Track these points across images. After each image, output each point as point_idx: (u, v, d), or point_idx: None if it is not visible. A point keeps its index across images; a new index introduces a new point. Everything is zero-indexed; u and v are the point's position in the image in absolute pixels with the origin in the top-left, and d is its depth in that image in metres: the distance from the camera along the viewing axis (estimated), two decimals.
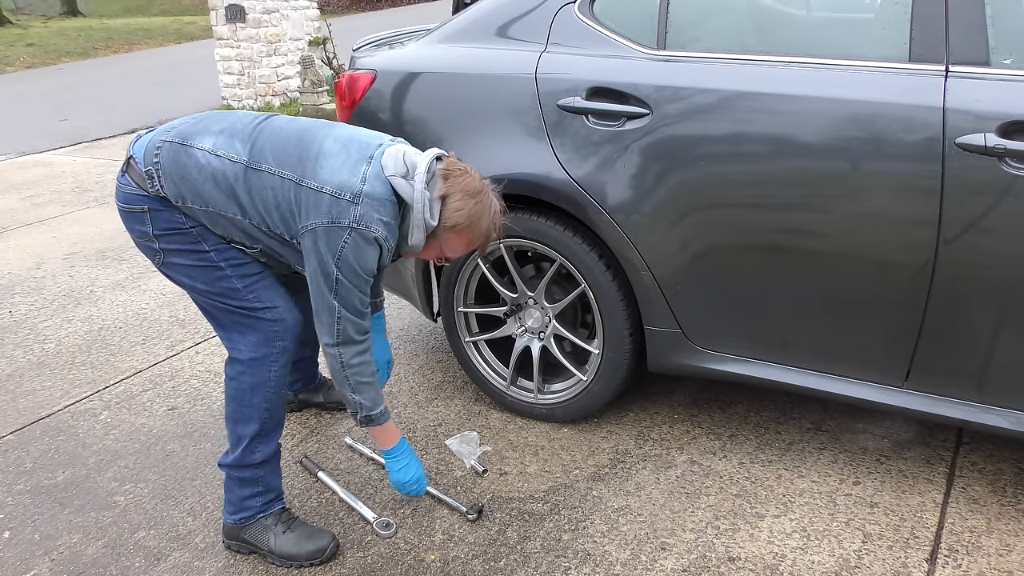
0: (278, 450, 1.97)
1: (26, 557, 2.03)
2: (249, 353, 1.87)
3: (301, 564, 1.93)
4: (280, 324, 1.87)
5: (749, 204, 1.91)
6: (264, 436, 1.92)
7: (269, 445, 1.94)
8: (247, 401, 1.89)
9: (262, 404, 1.89)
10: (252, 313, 1.86)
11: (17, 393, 2.82)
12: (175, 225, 1.79)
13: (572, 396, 2.37)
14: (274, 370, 1.89)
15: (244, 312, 1.85)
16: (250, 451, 1.92)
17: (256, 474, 1.94)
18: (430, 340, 3.03)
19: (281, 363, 1.90)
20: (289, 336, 1.90)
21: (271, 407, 1.91)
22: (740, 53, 1.93)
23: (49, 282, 3.82)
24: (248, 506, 1.96)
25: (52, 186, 5.61)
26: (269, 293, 1.88)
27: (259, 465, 1.93)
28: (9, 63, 12.96)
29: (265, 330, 1.87)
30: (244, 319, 1.86)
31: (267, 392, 1.89)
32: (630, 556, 1.92)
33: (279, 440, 1.97)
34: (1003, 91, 1.65)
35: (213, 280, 1.83)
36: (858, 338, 1.93)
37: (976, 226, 1.69)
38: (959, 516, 1.98)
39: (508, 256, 2.30)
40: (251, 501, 1.96)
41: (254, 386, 1.88)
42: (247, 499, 1.96)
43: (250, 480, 1.94)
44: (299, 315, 1.92)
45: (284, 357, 1.91)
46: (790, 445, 2.29)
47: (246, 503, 1.96)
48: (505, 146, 2.16)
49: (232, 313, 1.86)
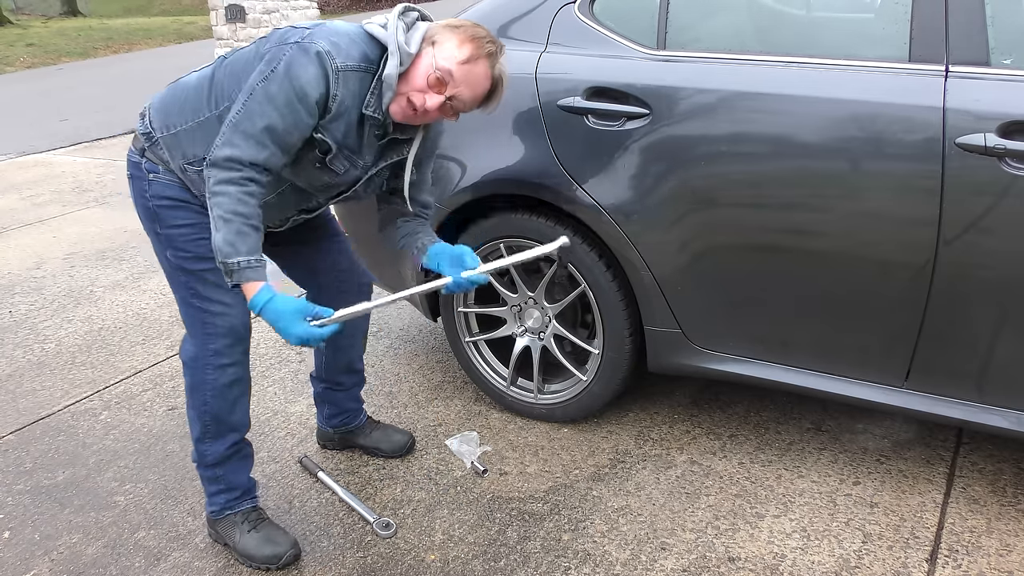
0: (239, 450, 1.95)
1: (26, 557, 2.03)
2: (187, 352, 1.85)
3: (257, 566, 1.93)
4: (219, 319, 1.78)
5: (749, 204, 1.91)
6: (209, 439, 1.90)
7: (217, 447, 1.91)
8: (188, 403, 1.88)
9: (200, 407, 1.86)
10: (199, 304, 1.80)
11: (17, 393, 2.82)
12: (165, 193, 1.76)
13: (572, 396, 2.37)
14: (210, 373, 1.83)
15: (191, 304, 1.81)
16: (200, 452, 1.93)
17: (215, 473, 1.94)
18: (430, 340, 3.03)
19: (215, 365, 1.82)
20: (228, 338, 1.81)
21: (212, 411, 1.86)
22: (740, 53, 1.93)
23: (49, 282, 3.82)
24: (214, 501, 1.97)
25: (52, 186, 5.60)
26: (217, 291, 1.78)
27: (213, 466, 1.93)
28: (9, 63, 12.96)
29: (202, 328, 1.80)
30: (190, 309, 1.82)
31: (204, 396, 1.85)
32: (630, 556, 1.92)
33: (238, 441, 1.94)
34: (1003, 91, 1.65)
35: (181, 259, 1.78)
36: (858, 338, 1.93)
37: (976, 226, 1.69)
38: (959, 516, 1.98)
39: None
40: (216, 497, 1.97)
41: (191, 388, 1.86)
42: (213, 495, 1.97)
43: (210, 478, 1.95)
44: (248, 320, 1.82)
45: (219, 361, 1.82)
46: (790, 445, 2.29)
47: (213, 499, 1.98)
48: (505, 146, 2.16)
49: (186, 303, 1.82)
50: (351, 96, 1.62)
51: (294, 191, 1.78)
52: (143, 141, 1.78)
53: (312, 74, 1.55)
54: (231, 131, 1.57)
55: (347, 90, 1.61)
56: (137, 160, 1.79)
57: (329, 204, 1.93)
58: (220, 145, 1.57)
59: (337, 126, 1.65)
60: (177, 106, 1.75)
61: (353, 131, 1.68)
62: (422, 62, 1.64)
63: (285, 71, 1.54)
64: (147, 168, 1.77)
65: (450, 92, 1.64)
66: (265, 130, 1.56)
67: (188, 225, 1.77)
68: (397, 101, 1.64)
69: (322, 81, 1.57)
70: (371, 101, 1.65)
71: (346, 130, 1.67)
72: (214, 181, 1.57)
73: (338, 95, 1.60)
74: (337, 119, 1.64)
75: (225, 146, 1.57)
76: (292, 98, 1.55)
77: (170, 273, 1.83)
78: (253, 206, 1.58)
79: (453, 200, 2.25)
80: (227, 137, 1.57)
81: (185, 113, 1.73)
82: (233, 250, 1.56)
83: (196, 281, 1.79)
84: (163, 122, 1.76)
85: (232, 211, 1.56)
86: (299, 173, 1.73)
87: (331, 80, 1.57)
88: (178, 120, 1.74)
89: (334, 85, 1.58)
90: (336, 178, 1.75)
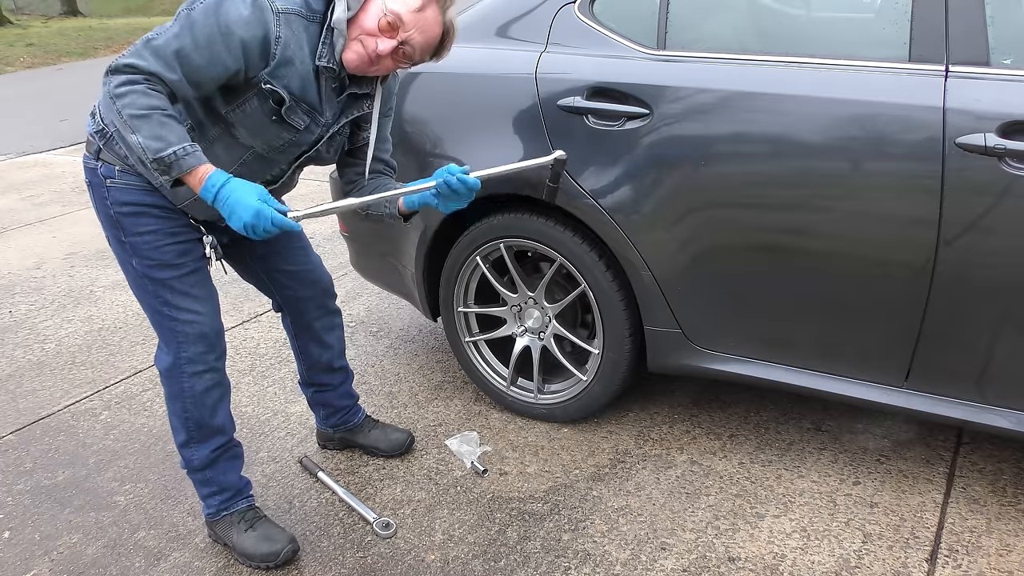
0: (225, 451, 1.95)
1: (26, 557, 2.03)
2: (162, 362, 1.84)
3: (256, 565, 1.93)
4: (189, 327, 1.78)
5: (749, 204, 1.91)
6: (195, 444, 1.90)
7: (203, 451, 1.90)
8: (169, 410, 1.88)
9: (182, 415, 1.86)
10: (168, 313, 1.78)
11: (17, 393, 2.82)
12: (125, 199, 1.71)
13: (572, 396, 2.37)
14: (186, 381, 1.82)
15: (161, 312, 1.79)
16: (186, 458, 1.93)
17: (204, 476, 1.94)
18: (430, 340, 3.03)
19: (190, 373, 1.81)
20: (200, 345, 1.80)
21: (194, 418, 1.86)
22: (740, 53, 1.93)
23: (49, 282, 3.82)
24: (209, 504, 1.98)
25: (52, 186, 5.61)
26: (185, 300, 1.77)
27: (201, 469, 1.93)
28: (9, 63, 12.95)
29: (174, 337, 1.79)
30: (160, 319, 1.80)
31: (184, 403, 1.85)
32: (630, 556, 1.92)
33: (224, 443, 1.94)
34: (1003, 91, 1.65)
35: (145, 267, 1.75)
36: (858, 338, 1.93)
37: (976, 226, 1.69)
38: (959, 516, 1.98)
39: (508, 256, 2.30)
40: (210, 500, 1.97)
41: (170, 396, 1.86)
42: (206, 497, 1.97)
43: (201, 481, 1.95)
44: (219, 325, 1.83)
45: (194, 368, 1.81)
46: (790, 445, 2.29)
47: (207, 501, 1.98)
48: (505, 146, 2.16)
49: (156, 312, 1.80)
50: (296, 41, 1.57)
51: (256, 159, 1.73)
52: (97, 141, 1.72)
53: (244, 16, 1.49)
54: (142, 45, 1.48)
55: (291, 32, 1.56)
56: (93, 166, 1.73)
57: (293, 171, 1.84)
58: (125, 55, 1.47)
59: (288, 74, 1.59)
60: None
61: (311, 86, 1.64)
62: (371, 6, 1.60)
63: (216, 3, 1.48)
64: (104, 173, 1.71)
65: (402, 37, 1.60)
66: (176, 53, 1.48)
67: (152, 232, 1.73)
68: (350, 47, 1.61)
69: (257, 25, 1.51)
70: (324, 52, 1.61)
71: (302, 84, 1.62)
72: (114, 85, 1.45)
73: (281, 36, 1.54)
74: (286, 66, 1.58)
75: (130, 56, 1.47)
76: (214, 31, 1.48)
77: (136, 282, 1.79)
78: (164, 98, 1.48)
79: None
80: (135, 49, 1.48)
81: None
82: (163, 143, 1.46)
83: (163, 289, 1.77)
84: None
85: (145, 105, 1.45)
86: (257, 133, 1.67)
87: (271, 22, 1.52)
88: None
89: (276, 27, 1.53)
90: (296, 135, 1.70)
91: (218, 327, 1.84)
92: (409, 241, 2.43)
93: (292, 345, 2.20)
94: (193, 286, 1.79)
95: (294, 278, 2.06)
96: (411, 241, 2.42)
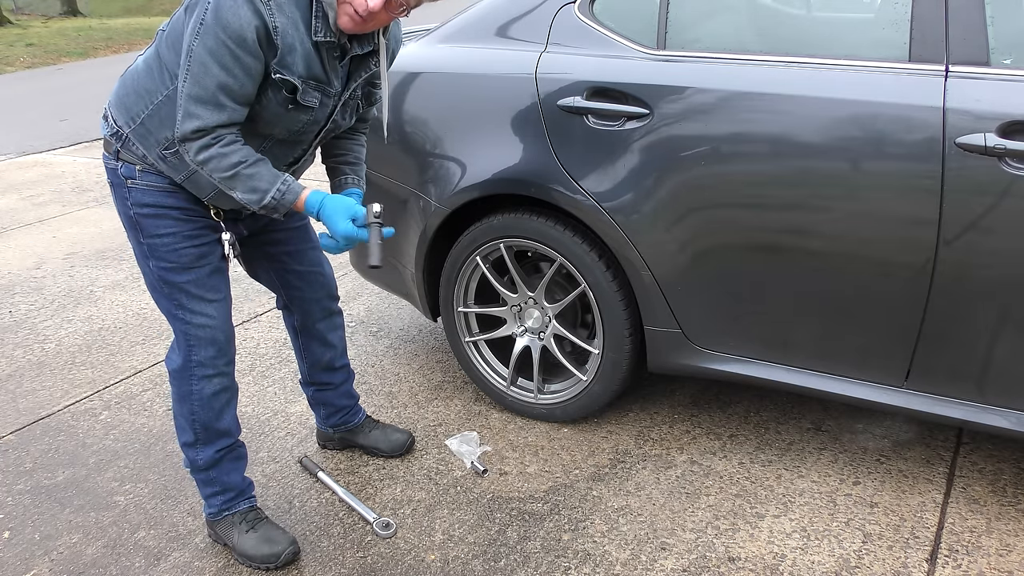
0: (229, 452, 1.95)
1: (26, 557, 2.03)
2: (173, 363, 1.85)
3: (256, 566, 1.93)
4: (201, 331, 1.80)
5: (749, 204, 1.91)
6: (201, 444, 1.91)
7: (207, 451, 1.91)
8: (176, 410, 1.89)
9: (189, 416, 1.88)
10: (182, 316, 1.80)
11: (17, 393, 2.82)
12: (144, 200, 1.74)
13: (572, 396, 2.37)
14: (195, 384, 1.84)
15: (175, 315, 1.81)
16: (191, 457, 1.93)
17: (208, 476, 1.95)
18: (430, 340, 3.03)
19: (200, 376, 1.84)
20: (211, 349, 1.82)
21: (201, 420, 1.88)
22: (740, 53, 1.93)
23: (49, 282, 3.82)
24: (211, 504, 1.98)
25: (52, 186, 5.60)
26: (200, 304, 1.80)
27: (205, 469, 1.94)
28: (9, 63, 12.95)
29: (186, 340, 1.81)
30: (174, 321, 1.82)
31: (192, 405, 1.86)
32: (630, 556, 1.92)
33: (228, 444, 1.94)
34: (1003, 91, 1.65)
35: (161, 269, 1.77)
36: (858, 338, 1.93)
37: (976, 226, 1.69)
38: (959, 516, 1.98)
39: (508, 256, 2.30)
40: (213, 500, 1.98)
41: (178, 397, 1.87)
42: (209, 497, 1.98)
43: (204, 481, 1.96)
44: (230, 331, 1.85)
45: (204, 372, 1.84)
46: (790, 445, 2.29)
47: (209, 500, 1.98)
48: (505, 146, 2.16)
49: (170, 315, 1.82)
50: (292, 24, 1.55)
51: (277, 145, 1.73)
52: (114, 143, 1.73)
53: (242, 15, 1.49)
54: (186, 102, 1.54)
55: (285, 18, 1.54)
56: (113, 166, 1.75)
57: (314, 148, 1.84)
58: (181, 120, 1.56)
59: (294, 60, 1.58)
60: (133, 95, 1.70)
61: (315, 62, 1.63)
62: None
63: (214, 20, 1.48)
64: (124, 174, 1.73)
65: None
66: (218, 89, 1.53)
67: (170, 234, 1.75)
68: (342, 12, 1.57)
69: (254, 17, 1.50)
70: (318, 26, 1.59)
71: (307, 63, 1.61)
72: (192, 155, 1.57)
73: (278, 25, 1.53)
74: (290, 53, 1.57)
75: (186, 119, 1.55)
76: (232, 47, 1.50)
77: (153, 284, 1.81)
78: (240, 148, 1.58)
79: (453, 200, 2.25)
80: (185, 109, 1.55)
81: (143, 99, 1.69)
82: (259, 194, 1.58)
83: (178, 292, 1.78)
84: (126, 116, 1.71)
85: (228, 166, 1.56)
86: (275, 122, 1.67)
87: (264, 13, 1.51)
88: (139, 108, 1.69)
89: (270, 16, 1.51)
90: (312, 114, 1.69)
91: (229, 332, 1.86)
92: (409, 241, 2.43)
93: (294, 344, 2.21)
94: (208, 290, 1.81)
95: (303, 279, 2.07)
96: (411, 241, 2.42)
